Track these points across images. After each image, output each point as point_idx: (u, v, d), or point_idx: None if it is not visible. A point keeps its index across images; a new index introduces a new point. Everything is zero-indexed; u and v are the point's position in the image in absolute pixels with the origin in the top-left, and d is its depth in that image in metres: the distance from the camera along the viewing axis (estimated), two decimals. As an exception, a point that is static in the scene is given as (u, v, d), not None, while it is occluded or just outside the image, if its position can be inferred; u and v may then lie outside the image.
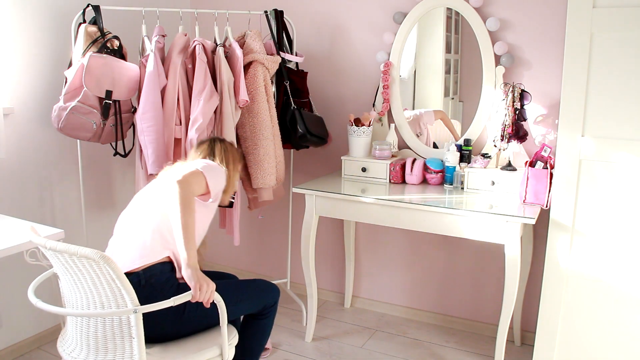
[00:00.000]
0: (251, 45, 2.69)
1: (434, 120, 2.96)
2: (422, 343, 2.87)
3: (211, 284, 1.70)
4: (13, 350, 2.65)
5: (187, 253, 1.70)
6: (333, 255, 3.32)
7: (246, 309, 2.06)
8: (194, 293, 1.67)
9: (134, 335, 1.61)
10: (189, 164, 1.99)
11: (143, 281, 1.78)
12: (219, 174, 1.98)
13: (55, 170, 2.77)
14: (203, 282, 1.68)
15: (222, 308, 1.77)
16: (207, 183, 1.88)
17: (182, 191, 1.73)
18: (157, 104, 2.47)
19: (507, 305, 2.33)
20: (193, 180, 1.82)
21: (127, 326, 1.62)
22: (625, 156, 2.11)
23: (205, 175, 1.87)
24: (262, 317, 2.13)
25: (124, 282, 1.57)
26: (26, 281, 1.86)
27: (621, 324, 2.22)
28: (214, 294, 1.72)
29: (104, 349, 1.67)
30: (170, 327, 1.82)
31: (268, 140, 2.68)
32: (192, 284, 1.68)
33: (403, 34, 2.86)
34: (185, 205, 1.73)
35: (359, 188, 2.67)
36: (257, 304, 2.07)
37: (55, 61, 2.68)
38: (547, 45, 2.58)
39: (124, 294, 1.58)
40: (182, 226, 1.71)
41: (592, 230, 2.22)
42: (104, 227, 3.04)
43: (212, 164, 2.01)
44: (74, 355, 1.73)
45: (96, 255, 1.52)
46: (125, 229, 1.96)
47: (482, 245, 2.86)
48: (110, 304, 1.61)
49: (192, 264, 1.71)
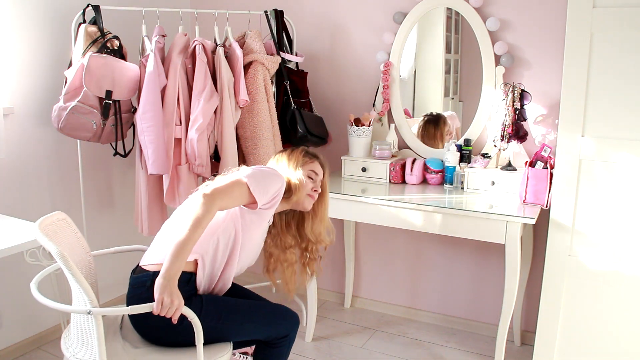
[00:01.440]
0: (251, 45, 2.69)
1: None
2: (422, 343, 2.88)
3: (176, 301, 1.58)
4: (13, 350, 2.65)
5: (170, 263, 1.61)
6: (333, 255, 3.32)
7: (252, 333, 1.90)
8: (156, 306, 1.58)
9: (94, 333, 1.62)
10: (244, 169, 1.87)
11: (149, 282, 1.72)
12: (270, 179, 1.83)
13: (55, 170, 2.76)
14: (167, 296, 1.57)
15: (197, 327, 1.66)
16: (250, 192, 1.76)
17: (201, 208, 1.65)
18: (157, 104, 2.47)
19: (507, 305, 2.33)
20: (225, 195, 1.72)
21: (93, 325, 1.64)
22: (625, 156, 2.11)
23: (248, 184, 1.76)
24: (272, 346, 1.96)
25: (80, 282, 1.60)
26: (26, 281, 1.86)
27: (621, 324, 2.22)
28: (179, 310, 1.60)
29: (82, 342, 1.71)
30: (165, 335, 1.76)
31: (268, 140, 2.68)
32: (156, 295, 1.58)
33: (403, 34, 2.86)
34: (195, 224, 1.64)
35: (359, 188, 2.67)
36: (265, 330, 1.91)
37: (55, 61, 2.67)
38: (547, 45, 2.58)
39: (83, 294, 1.61)
40: (182, 240, 1.62)
41: (592, 230, 2.22)
42: (104, 227, 3.04)
43: (263, 169, 1.90)
44: (67, 346, 1.77)
45: (54, 250, 1.57)
46: (170, 224, 1.90)
47: (482, 245, 2.86)
48: (79, 300, 1.66)
49: (168, 276, 1.59)
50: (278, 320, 1.93)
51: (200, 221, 1.64)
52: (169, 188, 2.62)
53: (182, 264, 1.62)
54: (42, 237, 1.64)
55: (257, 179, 1.79)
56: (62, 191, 2.81)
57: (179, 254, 1.61)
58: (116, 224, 3.12)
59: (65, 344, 1.79)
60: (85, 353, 1.70)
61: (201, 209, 1.65)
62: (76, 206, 2.84)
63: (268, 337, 1.93)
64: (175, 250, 1.61)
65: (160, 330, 1.76)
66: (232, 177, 1.79)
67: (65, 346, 1.78)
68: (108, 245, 2.16)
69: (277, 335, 1.93)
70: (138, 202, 2.73)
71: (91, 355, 1.67)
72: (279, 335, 1.94)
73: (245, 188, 1.76)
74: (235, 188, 1.75)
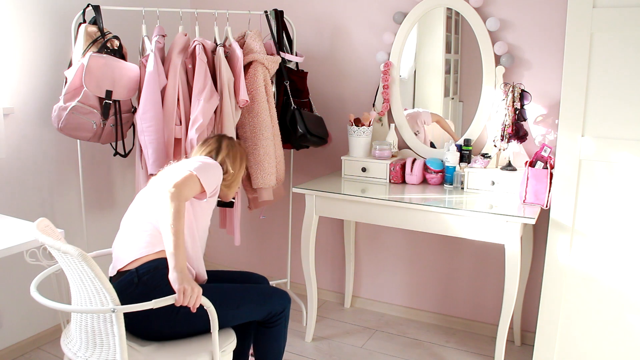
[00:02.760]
0: (251, 45, 2.69)
1: (430, 121, 2.96)
2: (422, 343, 2.88)
3: (196, 289, 1.67)
4: (13, 350, 2.65)
5: (175, 258, 1.69)
6: (333, 255, 3.32)
7: (249, 314, 1.99)
8: (178, 297, 1.64)
9: (116, 333, 1.62)
10: (185, 163, 1.99)
11: (136, 279, 1.80)
12: (213, 171, 1.99)
13: (55, 170, 2.77)
14: (187, 285, 1.65)
15: (212, 313, 1.72)
16: (201, 184, 1.89)
17: (173, 203, 1.74)
18: (157, 104, 2.47)
19: (507, 305, 2.33)
20: (185, 187, 1.82)
21: (110, 324, 1.64)
22: (626, 156, 2.11)
23: (198, 176, 1.89)
24: (270, 325, 2.07)
25: (103, 281, 1.59)
26: (26, 281, 1.86)
27: (621, 324, 2.22)
28: (200, 299, 1.68)
29: (93, 344, 1.70)
30: (165, 327, 1.81)
31: (268, 140, 2.68)
32: (176, 287, 1.65)
33: (403, 34, 2.86)
34: (176, 215, 1.73)
35: (359, 188, 2.67)
36: (261, 309, 2.01)
37: (55, 61, 2.67)
38: (547, 45, 2.58)
39: (105, 293, 1.60)
40: (172, 234, 1.71)
41: (592, 230, 2.22)
42: (104, 227, 3.04)
43: (207, 161, 2.01)
44: (70, 347, 1.77)
45: (75, 252, 1.54)
46: (127, 225, 2.00)
47: (482, 245, 2.86)
48: (96, 300, 1.64)
49: (180, 268, 1.68)
50: (272, 298, 2.04)
51: (179, 211, 1.74)
52: (169, 188, 2.62)
53: (184, 254, 1.72)
54: (55, 241, 1.60)
55: (204, 170, 1.93)
56: (62, 191, 2.81)
57: (177, 246, 1.70)
58: (116, 224, 3.09)
59: (65, 344, 1.79)
60: (100, 355, 1.69)
61: (173, 202, 1.74)
62: (76, 206, 2.84)
63: (266, 316, 2.03)
64: (173, 244, 1.70)
65: (160, 324, 1.79)
66: (182, 172, 1.89)
67: (66, 346, 1.78)
68: (108, 245, 2.16)
69: (274, 311, 2.04)
70: (138, 202, 2.73)
71: (108, 356, 1.67)
72: (276, 312, 2.04)
73: (196, 179, 1.88)
74: (190, 181, 1.86)
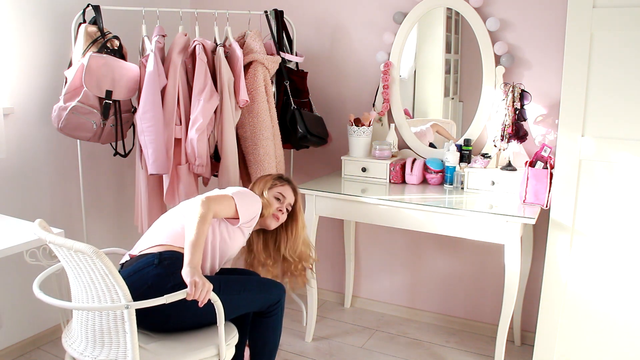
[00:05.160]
0: (251, 45, 2.69)
1: (433, 135, 2.97)
2: (422, 343, 2.88)
3: (207, 284, 1.73)
4: (13, 350, 2.65)
5: (192, 254, 1.78)
6: (333, 255, 3.32)
7: (248, 306, 2.07)
8: (189, 290, 1.70)
9: (127, 330, 1.64)
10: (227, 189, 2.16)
11: (157, 260, 1.87)
12: (251, 200, 2.13)
13: (55, 170, 2.77)
14: (199, 280, 1.72)
15: (220, 308, 1.78)
16: (236, 207, 2.03)
17: (202, 208, 1.89)
18: (157, 104, 2.47)
19: (507, 305, 2.33)
20: (218, 203, 1.98)
21: (121, 321, 1.66)
22: (626, 156, 2.11)
23: (235, 199, 2.03)
24: (267, 315, 2.15)
25: (116, 278, 1.61)
26: (26, 281, 1.87)
27: (621, 324, 2.22)
28: (209, 294, 1.74)
29: (101, 342, 1.71)
30: (172, 316, 1.84)
31: (268, 140, 2.68)
32: (187, 280, 1.72)
33: (403, 34, 2.86)
34: (202, 219, 1.86)
35: (359, 188, 2.67)
36: (259, 301, 2.09)
37: (55, 61, 2.67)
38: (547, 45, 2.58)
39: (118, 290, 1.62)
40: (195, 232, 1.82)
41: (592, 230, 2.22)
42: (104, 227, 3.04)
43: (246, 191, 2.16)
44: (74, 347, 1.78)
45: (89, 250, 1.56)
46: (158, 223, 2.10)
47: (482, 245, 2.86)
48: (106, 298, 1.65)
49: (194, 264, 1.76)
50: (269, 288, 2.13)
51: (205, 217, 1.88)
52: (169, 188, 2.62)
53: (200, 255, 1.81)
54: (66, 240, 1.61)
55: (242, 196, 2.08)
56: (62, 191, 2.81)
57: (196, 246, 1.80)
58: (116, 223, 3.12)
59: (69, 344, 1.79)
60: (109, 353, 1.70)
61: (202, 208, 1.90)
62: (76, 206, 2.84)
63: (263, 306, 2.11)
64: (193, 244, 1.81)
65: (166, 315, 1.82)
66: (220, 192, 2.07)
67: (70, 347, 1.78)
68: (108, 245, 2.16)
69: (271, 301, 2.12)
70: (138, 202, 2.72)
71: (117, 354, 1.69)
72: (272, 302, 2.13)
73: (232, 202, 2.04)
74: (225, 200, 2.03)
